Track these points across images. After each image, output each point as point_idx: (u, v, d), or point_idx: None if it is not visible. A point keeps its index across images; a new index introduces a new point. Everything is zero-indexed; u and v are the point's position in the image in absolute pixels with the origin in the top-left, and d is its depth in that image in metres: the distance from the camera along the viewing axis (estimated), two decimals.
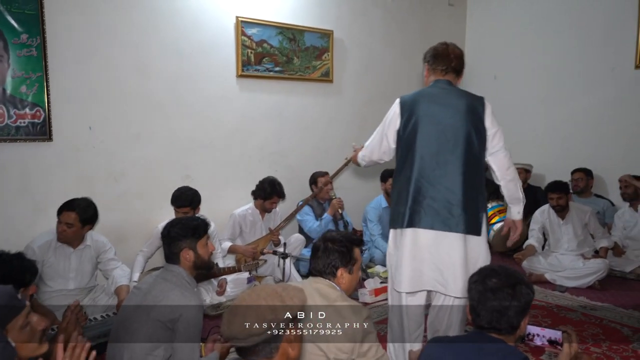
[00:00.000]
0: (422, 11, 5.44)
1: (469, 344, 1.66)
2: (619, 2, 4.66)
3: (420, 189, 2.22)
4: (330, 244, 1.90)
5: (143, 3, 3.62)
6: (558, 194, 4.15)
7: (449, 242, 2.21)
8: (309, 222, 4.16)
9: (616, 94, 4.76)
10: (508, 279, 1.60)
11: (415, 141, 2.24)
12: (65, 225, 2.86)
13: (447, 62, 2.34)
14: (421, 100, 2.28)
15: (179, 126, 3.89)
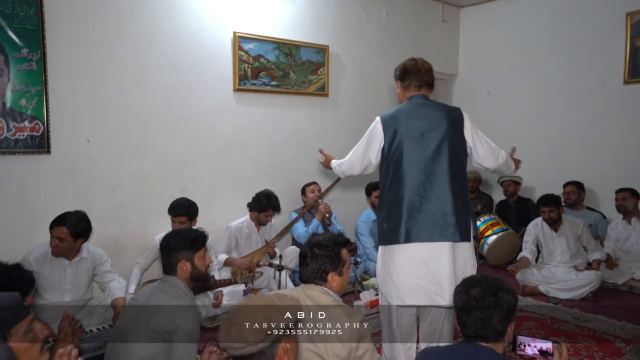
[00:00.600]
0: (416, 27, 5.55)
1: (459, 354, 1.68)
2: (608, 20, 4.78)
3: (413, 204, 2.27)
4: (317, 250, 1.91)
5: (142, 18, 3.69)
6: (549, 207, 4.20)
7: (447, 252, 2.26)
8: (298, 229, 4.21)
9: (606, 109, 4.86)
10: (489, 286, 1.63)
11: (402, 158, 2.29)
12: (58, 239, 2.86)
13: (419, 77, 2.40)
14: (402, 117, 2.34)
15: (176, 139, 3.93)
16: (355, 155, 2.46)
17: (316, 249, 1.91)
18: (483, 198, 5.59)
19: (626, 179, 4.63)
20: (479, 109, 5.84)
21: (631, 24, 4.62)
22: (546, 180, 5.13)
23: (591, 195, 4.97)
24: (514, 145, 2.65)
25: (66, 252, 2.93)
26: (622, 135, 4.79)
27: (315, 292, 1.87)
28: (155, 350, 1.96)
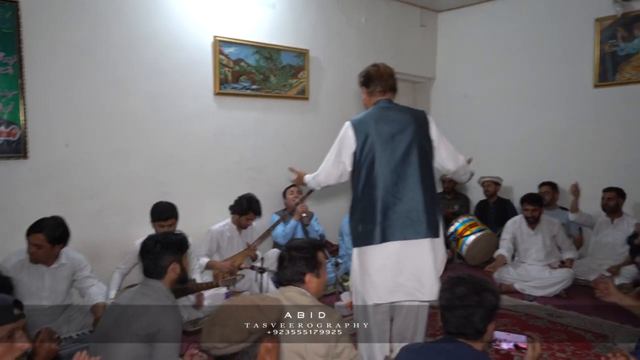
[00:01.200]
0: (395, 32, 5.64)
1: (439, 350, 1.74)
2: (578, 26, 4.95)
3: (387, 205, 2.34)
4: (295, 252, 1.96)
5: (122, 22, 3.68)
6: (533, 206, 4.32)
7: (421, 249, 2.34)
8: (276, 228, 4.26)
9: (577, 112, 5.03)
10: (474, 286, 1.69)
11: (374, 161, 2.36)
12: (35, 246, 2.82)
13: (382, 82, 2.50)
14: (371, 121, 2.41)
15: (157, 143, 3.93)
16: (329, 164, 2.50)
17: (294, 251, 1.96)
18: (460, 198, 5.70)
19: (596, 179, 4.80)
20: (457, 111, 5.98)
21: (600, 29, 4.79)
22: (522, 181, 5.28)
23: (564, 195, 5.13)
24: (470, 157, 2.76)
25: (44, 258, 2.90)
26: (592, 137, 4.96)
27: (293, 294, 1.91)
28: (137, 353, 1.96)
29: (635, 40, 4.59)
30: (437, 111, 6.16)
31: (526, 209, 4.34)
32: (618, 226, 4.47)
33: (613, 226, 4.50)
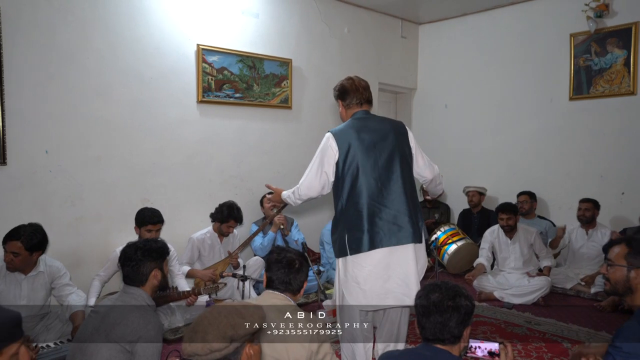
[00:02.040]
0: (377, 42, 5.73)
1: (417, 357, 1.76)
2: (554, 40, 5.10)
3: (374, 212, 2.37)
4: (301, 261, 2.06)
5: (105, 29, 3.67)
6: (508, 215, 4.40)
7: (407, 254, 2.38)
8: (255, 240, 4.25)
9: (554, 123, 5.17)
10: (448, 292, 1.72)
11: (359, 169, 2.38)
12: (12, 254, 2.78)
13: (358, 95, 2.53)
14: (352, 131, 2.43)
15: (139, 150, 3.91)
16: (311, 175, 2.47)
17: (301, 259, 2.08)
18: (440, 207, 5.78)
19: (571, 189, 4.93)
20: (437, 122, 6.08)
21: (574, 44, 4.94)
22: (502, 190, 5.38)
23: (541, 204, 5.25)
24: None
25: (21, 266, 2.85)
26: (568, 148, 5.10)
27: (277, 300, 1.94)
28: None
29: (608, 55, 4.75)
30: (418, 121, 6.26)
31: (501, 218, 4.43)
32: (592, 237, 4.58)
33: (588, 237, 4.61)
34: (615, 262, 2.04)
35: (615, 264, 2.04)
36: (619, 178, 4.77)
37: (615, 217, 4.68)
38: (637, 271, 1.96)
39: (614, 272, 2.05)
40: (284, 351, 1.79)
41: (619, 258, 2.04)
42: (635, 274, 1.97)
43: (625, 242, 2.05)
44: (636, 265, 1.97)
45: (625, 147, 4.74)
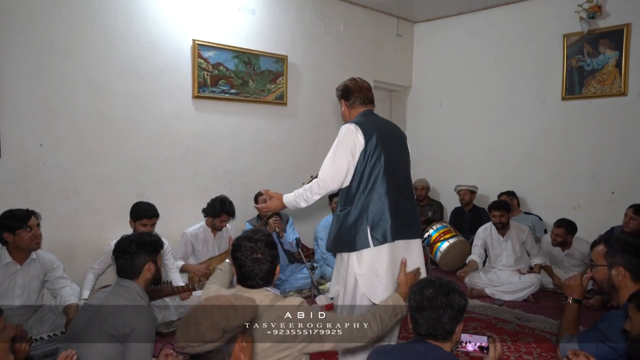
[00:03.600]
0: (372, 41, 5.75)
1: (409, 351, 1.79)
2: (548, 40, 5.14)
3: (397, 205, 2.40)
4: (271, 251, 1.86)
5: (99, 23, 3.67)
6: (500, 212, 4.45)
7: (418, 248, 2.48)
8: None
9: (546, 123, 5.22)
10: (442, 288, 1.75)
11: (384, 162, 2.39)
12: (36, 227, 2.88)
13: (362, 95, 2.57)
14: (369, 123, 2.45)
15: (134, 144, 3.91)
16: (335, 165, 2.38)
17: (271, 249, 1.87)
18: (433, 205, 5.82)
19: (562, 188, 4.99)
20: (432, 120, 6.12)
21: (567, 45, 4.98)
22: (493, 189, 5.42)
23: (532, 203, 5.30)
24: None
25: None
26: (560, 148, 5.15)
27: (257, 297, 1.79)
28: (109, 353, 1.96)
29: (600, 56, 4.80)
30: (412, 119, 6.29)
31: (494, 215, 4.47)
32: (570, 254, 4.52)
33: (565, 255, 4.55)
34: (597, 262, 2.09)
35: (597, 264, 2.09)
36: (609, 178, 4.83)
37: (605, 217, 4.73)
38: (618, 269, 2.01)
39: (597, 272, 2.10)
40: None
41: (599, 258, 2.09)
42: (616, 272, 2.01)
43: (604, 241, 2.10)
44: (615, 264, 2.01)
45: (616, 147, 4.79)
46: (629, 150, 4.71)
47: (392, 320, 1.95)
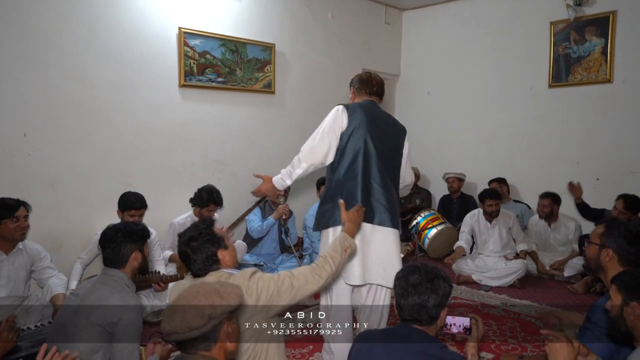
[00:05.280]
0: (361, 28, 5.73)
1: (394, 336, 1.82)
2: (535, 28, 5.16)
3: (370, 188, 2.44)
4: (194, 243, 1.86)
5: (82, 11, 3.61)
6: (495, 201, 4.51)
7: (388, 237, 2.46)
8: (252, 221, 4.26)
9: (533, 110, 5.26)
10: (427, 274, 1.77)
11: (363, 145, 2.43)
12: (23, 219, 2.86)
13: (370, 86, 2.64)
14: (362, 110, 2.50)
15: (120, 134, 3.88)
16: (315, 141, 2.46)
17: (192, 242, 1.86)
18: (422, 193, 5.86)
19: (549, 175, 5.04)
20: (420, 108, 6.13)
21: (554, 32, 5.01)
22: (481, 176, 5.47)
23: (520, 189, 5.36)
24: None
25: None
26: (546, 135, 5.20)
27: (210, 279, 1.82)
28: (96, 342, 1.96)
29: (587, 44, 4.83)
30: (401, 107, 6.31)
31: (489, 204, 4.49)
32: (555, 229, 4.67)
33: (552, 230, 4.69)
34: (591, 240, 2.13)
35: (591, 242, 2.13)
36: (594, 164, 4.89)
37: (590, 203, 4.80)
38: (607, 251, 2.04)
39: (589, 248, 2.13)
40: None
41: (595, 236, 2.12)
42: (605, 253, 2.04)
43: (606, 222, 2.14)
44: (606, 245, 2.05)
45: (600, 134, 4.85)
46: (614, 137, 4.77)
47: (343, 255, 2.01)
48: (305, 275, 1.89)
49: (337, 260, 1.97)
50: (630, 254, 2.01)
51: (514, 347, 3.07)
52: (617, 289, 1.67)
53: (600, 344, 1.85)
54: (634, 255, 2.01)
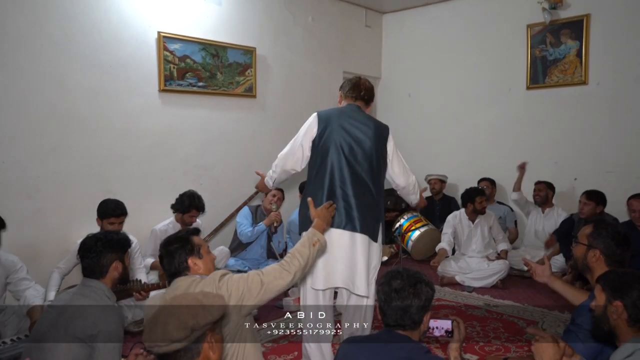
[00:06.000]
0: (341, 32, 5.74)
1: (378, 342, 1.82)
2: (512, 31, 5.24)
3: (334, 193, 2.47)
4: (169, 247, 1.98)
5: (60, 14, 3.54)
6: (484, 198, 4.62)
7: (357, 243, 2.46)
8: (243, 225, 4.22)
9: (512, 112, 5.34)
10: (410, 279, 1.77)
11: (329, 150, 2.49)
12: None
13: (357, 91, 2.66)
14: (336, 116, 2.56)
15: (99, 140, 3.81)
16: (287, 149, 2.63)
17: (168, 246, 1.98)
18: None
19: (528, 175, 5.11)
20: (401, 110, 6.17)
21: (531, 35, 5.09)
22: (463, 177, 5.53)
23: (500, 190, 5.43)
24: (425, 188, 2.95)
25: None
26: (525, 136, 5.27)
27: (181, 284, 1.92)
28: (75, 356, 1.91)
29: (562, 46, 4.92)
30: (382, 109, 6.33)
31: (479, 201, 4.56)
32: (548, 216, 4.82)
33: (544, 216, 4.85)
34: (579, 240, 2.15)
35: (579, 242, 2.14)
36: (571, 164, 4.98)
37: (568, 202, 4.90)
38: (595, 251, 2.05)
39: (576, 248, 2.15)
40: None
41: (582, 236, 2.13)
42: (592, 254, 2.06)
43: (593, 223, 2.16)
44: (593, 246, 2.07)
45: (577, 135, 4.94)
46: (590, 137, 4.86)
47: (312, 249, 2.05)
48: (274, 272, 1.95)
49: (305, 254, 2.02)
50: (616, 255, 2.03)
51: (497, 348, 3.10)
52: (601, 288, 1.69)
53: (583, 345, 1.87)
54: (620, 256, 2.04)
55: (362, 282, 2.45)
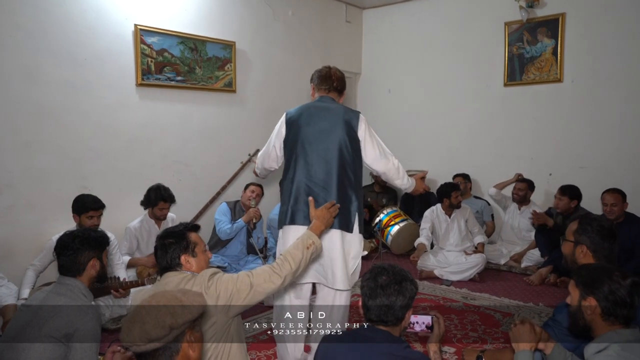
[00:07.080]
0: (321, 26, 5.73)
1: (359, 337, 1.83)
2: (490, 28, 5.30)
3: (300, 189, 2.48)
4: (164, 241, 1.96)
5: (30, 6, 3.44)
6: (458, 193, 4.70)
7: (329, 238, 2.44)
8: (222, 222, 4.19)
9: (490, 108, 5.41)
10: (395, 276, 1.78)
11: (297, 148, 2.52)
12: None
13: (329, 82, 2.65)
14: (303, 113, 2.57)
15: (74, 135, 3.73)
16: (264, 148, 2.73)
17: (163, 239, 1.96)
18: (389, 192, 5.92)
19: (505, 170, 5.21)
20: (381, 106, 6.19)
21: (508, 32, 5.17)
22: (441, 172, 5.58)
23: (477, 185, 5.51)
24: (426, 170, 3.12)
25: None
26: (502, 132, 5.36)
27: (171, 279, 1.89)
28: (50, 356, 1.87)
29: (539, 44, 5.01)
30: (362, 105, 6.35)
31: (455, 196, 4.63)
32: (524, 213, 4.91)
33: (520, 213, 4.95)
34: (567, 237, 2.15)
35: (566, 239, 2.15)
36: (546, 160, 5.09)
37: (543, 197, 5.00)
38: (582, 247, 2.06)
39: (564, 246, 2.16)
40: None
41: (569, 233, 2.14)
42: (580, 250, 2.07)
43: (579, 219, 2.16)
44: (581, 242, 2.07)
45: (552, 131, 5.04)
46: (564, 134, 4.97)
47: (305, 253, 2.04)
48: (264, 274, 1.94)
49: (297, 258, 2.01)
50: (604, 249, 2.03)
51: (474, 340, 3.16)
52: (574, 284, 1.72)
53: (560, 343, 1.90)
54: (608, 250, 2.04)
55: (337, 274, 2.43)
